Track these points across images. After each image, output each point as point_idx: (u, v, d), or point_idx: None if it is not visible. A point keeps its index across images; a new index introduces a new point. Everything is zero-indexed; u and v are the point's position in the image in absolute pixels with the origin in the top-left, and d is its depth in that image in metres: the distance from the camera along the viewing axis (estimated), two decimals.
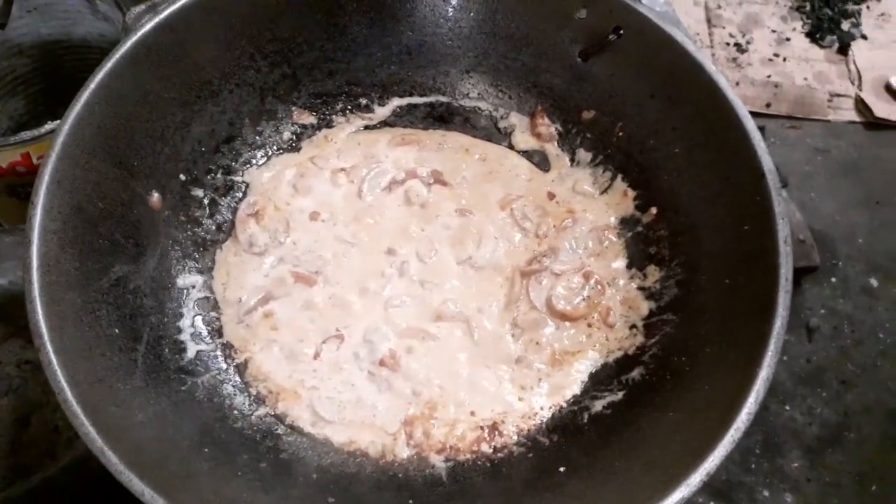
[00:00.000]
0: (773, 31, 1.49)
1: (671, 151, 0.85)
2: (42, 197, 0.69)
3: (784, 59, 1.45)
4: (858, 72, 1.43)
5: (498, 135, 0.97)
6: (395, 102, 0.97)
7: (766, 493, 1.01)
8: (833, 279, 1.20)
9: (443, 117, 0.98)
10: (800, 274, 1.14)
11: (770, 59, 1.45)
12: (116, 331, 0.72)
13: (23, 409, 0.92)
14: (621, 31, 0.86)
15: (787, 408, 1.07)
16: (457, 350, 0.83)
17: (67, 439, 0.89)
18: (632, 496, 0.63)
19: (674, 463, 0.63)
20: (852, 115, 1.39)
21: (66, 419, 0.67)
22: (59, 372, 0.62)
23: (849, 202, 1.28)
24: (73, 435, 0.88)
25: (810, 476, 1.03)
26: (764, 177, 0.74)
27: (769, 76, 1.42)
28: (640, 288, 0.86)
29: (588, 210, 0.92)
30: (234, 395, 0.79)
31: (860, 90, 1.41)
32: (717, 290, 0.76)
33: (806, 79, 1.43)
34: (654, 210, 0.88)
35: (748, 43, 1.47)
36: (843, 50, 1.46)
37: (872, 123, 1.36)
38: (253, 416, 0.78)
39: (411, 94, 0.97)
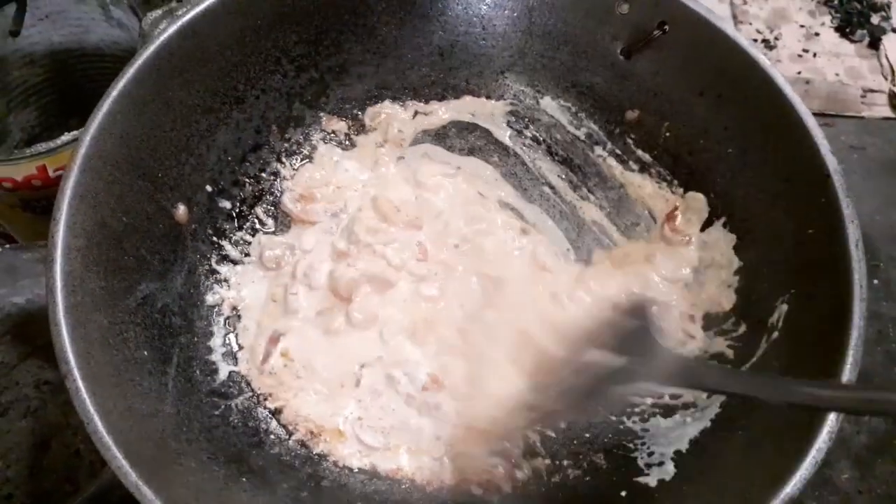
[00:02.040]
0: (802, 27, 1.45)
1: (724, 152, 0.81)
2: (65, 212, 0.65)
3: (814, 55, 1.41)
4: (891, 66, 1.39)
5: None
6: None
7: None
8: (875, 281, 1.15)
9: None
10: None
11: (799, 55, 1.41)
12: (145, 353, 0.68)
13: (42, 432, 0.89)
14: (666, 27, 0.81)
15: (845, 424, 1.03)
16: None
17: (90, 464, 0.86)
18: None
19: (749, 486, 0.59)
20: (887, 111, 1.35)
21: (87, 443, 0.63)
22: (87, 401, 0.58)
23: (888, 201, 1.23)
24: (96, 460, 0.85)
25: (861, 488, 0.99)
26: (830, 177, 0.69)
27: (799, 72, 1.38)
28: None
29: None
30: (270, 419, 0.75)
31: (894, 85, 1.37)
32: (780, 299, 0.72)
33: (837, 74, 1.40)
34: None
35: (776, 39, 1.43)
36: (874, 44, 1.43)
37: None
38: (291, 441, 0.74)
39: (444, 98, 0.93)
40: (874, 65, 1.40)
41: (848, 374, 0.60)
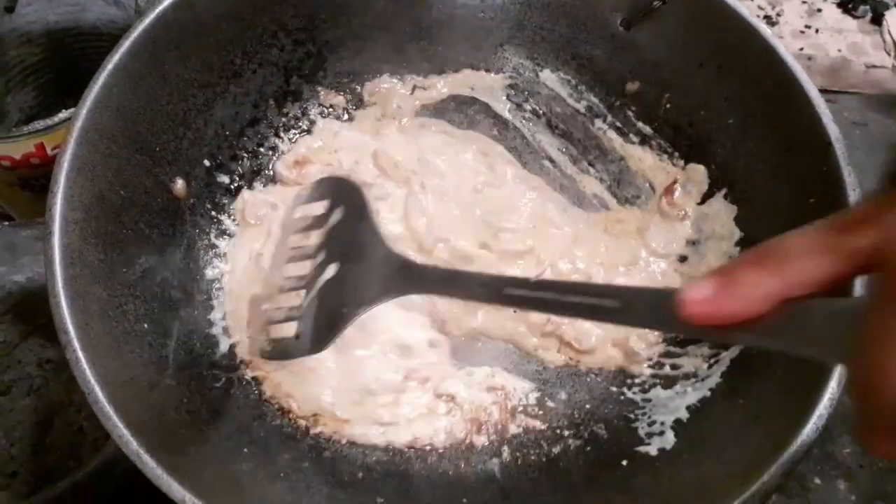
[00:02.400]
0: (804, 3, 1.44)
1: (724, 123, 0.80)
2: (62, 185, 0.64)
3: (816, 31, 1.40)
4: (894, 41, 1.38)
5: None
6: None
7: (817, 481, 0.96)
8: None
9: None
10: None
11: (802, 32, 1.40)
12: (145, 325, 0.68)
13: (45, 411, 0.89)
14: None
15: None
16: None
17: (93, 441, 0.86)
18: (707, 490, 0.59)
19: (753, 454, 0.59)
20: (890, 87, 1.34)
21: (90, 420, 0.63)
22: (87, 371, 0.58)
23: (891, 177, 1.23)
24: (99, 436, 0.85)
25: (863, 462, 0.98)
26: (831, 146, 0.69)
27: (801, 49, 1.37)
28: None
29: None
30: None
31: None
32: None
33: (840, 50, 1.39)
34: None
35: (778, 15, 1.42)
36: (877, 20, 1.42)
37: None
38: (291, 413, 0.73)
39: (442, 72, 0.92)
40: (877, 40, 1.40)
41: None
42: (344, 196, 0.70)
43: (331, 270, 0.67)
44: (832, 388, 0.58)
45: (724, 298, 0.40)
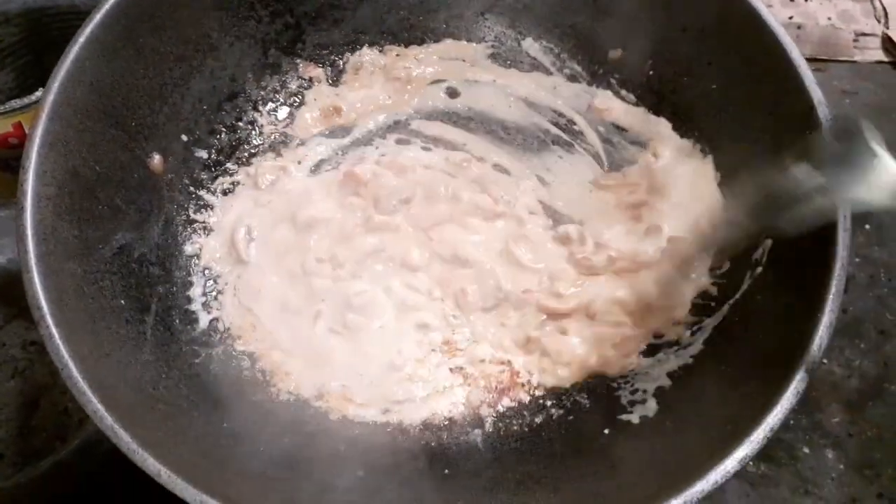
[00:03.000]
0: None
1: (707, 88, 0.79)
2: (34, 160, 0.64)
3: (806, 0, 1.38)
4: (884, 9, 1.37)
5: None
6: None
7: (806, 450, 0.96)
8: (867, 226, 1.14)
9: None
10: None
11: (791, 0, 1.38)
12: (122, 302, 0.67)
13: (30, 393, 0.88)
14: None
15: (825, 361, 1.02)
16: None
17: (78, 421, 0.85)
18: (689, 456, 0.58)
19: (734, 419, 0.58)
20: (880, 55, 1.32)
21: (75, 401, 0.62)
22: (61, 346, 0.57)
23: None
24: (84, 417, 0.85)
25: (851, 431, 0.98)
26: (814, 109, 0.68)
27: (791, 17, 1.35)
28: None
29: None
30: (251, 367, 0.74)
31: (887, 28, 1.34)
32: (764, 234, 0.70)
33: (829, 18, 1.37)
34: None
35: None
36: None
37: None
38: (272, 389, 0.73)
39: (423, 42, 0.91)
40: (867, 8, 1.38)
41: (831, 303, 0.60)
42: None
43: None
44: (813, 351, 0.58)
45: None
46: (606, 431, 0.67)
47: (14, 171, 0.99)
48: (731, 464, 0.55)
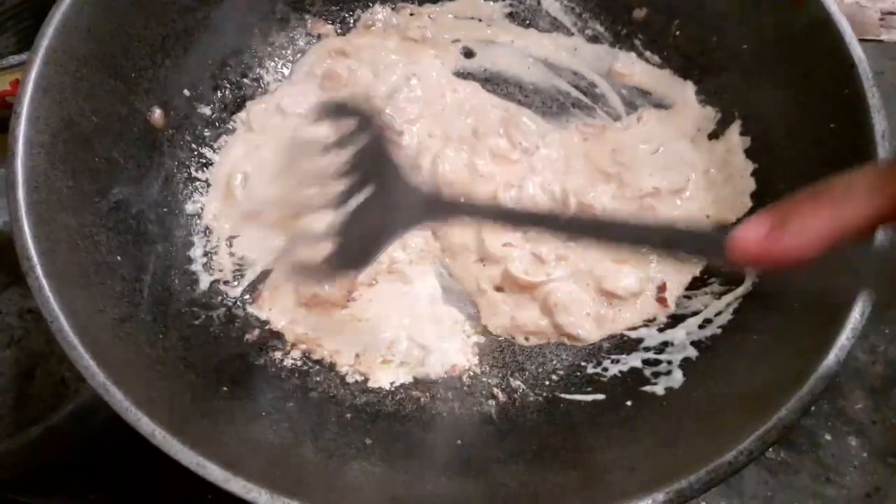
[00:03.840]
0: None
1: (738, 49, 0.75)
2: (26, 106, 0.60)
3: None
4: None
5: None
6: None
7: (828, 437, 0.93)
8: None
9: None
10: None
11: None
12: (118, 258, 0.64)
13: (27, 362, 0.86)
14: None
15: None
16: None
17: (75, 391, 0.83)
18: (716, 430, 0.55)
19: (761, 391, 0.55)
20: None
21: (73, 370, 0.60)
22: (51, 298, 0.54)
23: None
24: (80, 385, 0.82)
25: (875, 418, 0.95)
26: (854, 66, 0.64)
27: None
28: None
29: None
30: (256, 329, 0.71)
31: None
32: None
33: None
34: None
35: None
36: None
37: None
38: (277, 353, 0.69)
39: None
40: None
41: None
42: (367, 119, 0.65)
43: (366, 192, 0.62)
44: (855, 318, 0.54)
45: (780, 237, 0.40)
46: (629, 403, 0.64)
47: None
48: (764, 436, 0.51)
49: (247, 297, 0.73)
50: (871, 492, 0.86)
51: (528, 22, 0.87)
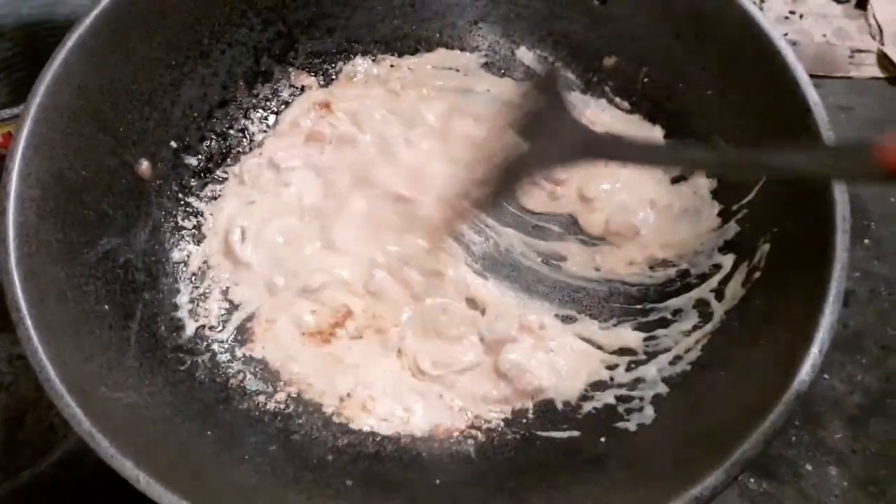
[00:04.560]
0: None
1: (703, 94, 0.78)
2: (17, 162, 0.63)
3: (801, 17, 1.38)
4: (879, 26, 1.37)
5: None
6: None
7: (808, 467, 0.94)
8: (866, 240, 1.13)
9: None
10: None
11: (786, 17, 1.39)
12: (106, 307, 0.66)
13: (16, 408, 0.87)
14: None
15: (826, 376, 1.00)
16: None
17: (64, 436, 0.83)
18: (684, 465, 0.56)
19: (731, 424, 0.56)
20: (875, 71, 1.32)
21: (61, 416, 0.61)
22: (40, 349, 0.56)
23: None
24: (69, 431, 0.83)
25: (854, 447, 0.96)
26: (810, 111, 0.67)
27: (786, 34, 1.35)
28: None
29: None
30: (241, 373, 0.72)
31: (882, 44, 1.34)
32: (762, 239, 0.69)
33: (825, 35, 1.37)
34: None
35: (762, 1, 1.40)
36: (862, 4, 1.40)
37: None
38: (261, 397, 0.71)
39: (416, 51, 0.91)
40: (862, 25, 1.38)
41: (831, 304, 0.58)
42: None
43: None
44: (814, 354, 0.56)
45: None
46: (603, 440, 0.65)
47: None
48: (730, 469, 0.52)
49: (238, 338, 0.75)
50: None
51: (503, 71, 0.91)
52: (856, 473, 0.91)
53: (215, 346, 0.74)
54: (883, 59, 1.31)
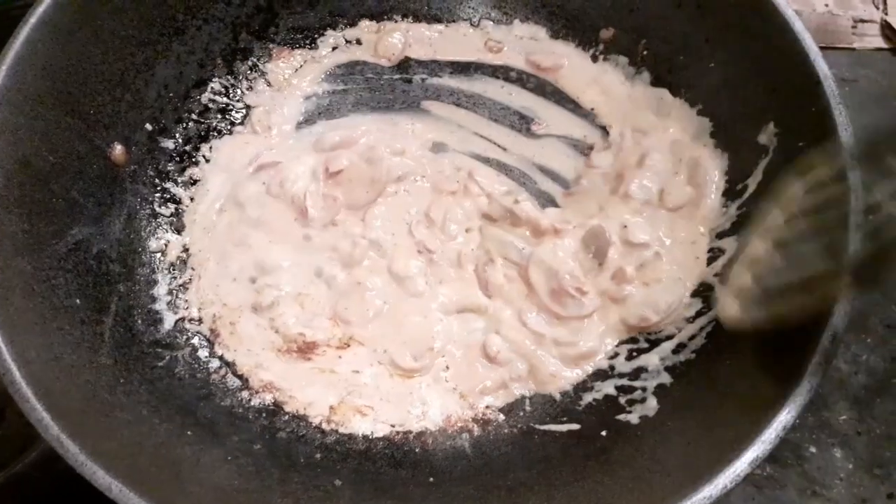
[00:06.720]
0: None
1: (706, 67, 0.75)
2: None
3: None
4: None
5: None
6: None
7: (813, 450, 0.92)
8: (870, 217, 1.10)
9: None
10: None
11: None
12: (77, 301, 0.62)
13: None
14: None
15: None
16: None
17: None
18: (693, 459, 0.54)
19: (738, 417, 0.54)
20: (879, 42, 1.28)
21: None
22: (4, 348, 0.52)
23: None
24: None
25: (860, 429, 0.94)
26: (820, 83, 0.63)
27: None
28: None
29: None
30: (222, 368, 0.69)
31: (885, 14, 1.30)
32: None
33: (827, 5, 1.33)
34: None
35: None
36: None
37: None
38: (244, 392, 0.68)
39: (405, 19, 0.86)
40: None
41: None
42: None
43: None
44: (824, 344, 0.53)
45: None
46: (604, 433, 0.62)
47: None
48: (740, 466, 0.50)
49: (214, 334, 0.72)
50: None
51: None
52: (861, 456, 0.89)
53: (196, 340, 0.70)
54: (886, 29, 1.27)
